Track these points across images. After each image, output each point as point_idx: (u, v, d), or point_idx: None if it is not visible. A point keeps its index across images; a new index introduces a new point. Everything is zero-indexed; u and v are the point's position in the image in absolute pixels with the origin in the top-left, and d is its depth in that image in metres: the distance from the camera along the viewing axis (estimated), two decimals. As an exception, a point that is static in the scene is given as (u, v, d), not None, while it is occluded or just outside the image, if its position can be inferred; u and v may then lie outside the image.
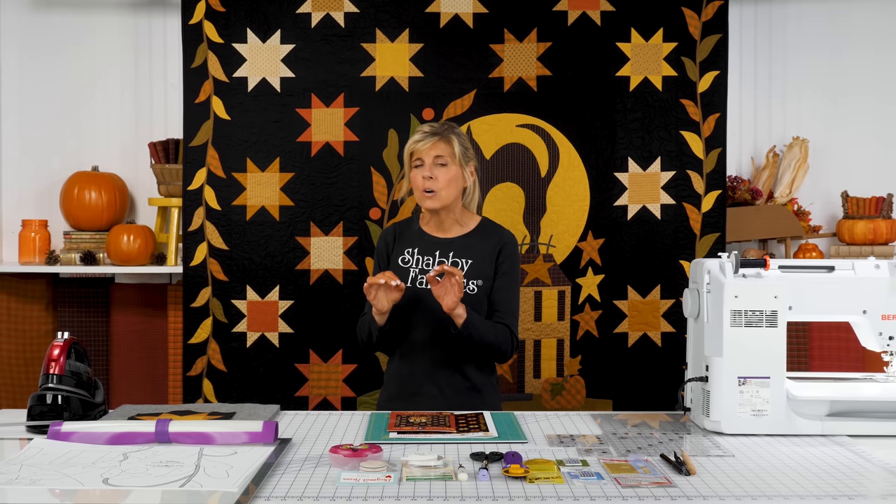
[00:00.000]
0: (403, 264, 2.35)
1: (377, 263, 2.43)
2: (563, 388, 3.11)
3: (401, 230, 2.43)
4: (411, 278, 2.32)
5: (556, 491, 1.41)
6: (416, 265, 2.33)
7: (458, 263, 2.31)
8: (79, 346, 1.93)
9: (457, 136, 2.33)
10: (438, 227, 2.38)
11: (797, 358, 3.18)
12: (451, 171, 2.30)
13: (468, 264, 2.31)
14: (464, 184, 2.35)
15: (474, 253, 2.32)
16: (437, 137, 2.30)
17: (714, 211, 3.08)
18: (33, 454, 1.60)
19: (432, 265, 2.32)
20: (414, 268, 2.33)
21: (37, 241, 3.25)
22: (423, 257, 2.34)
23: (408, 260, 2.35)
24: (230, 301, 3.08)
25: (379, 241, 2.46)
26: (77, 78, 3.40)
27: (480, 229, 2.38)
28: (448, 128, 2.34)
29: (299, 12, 3.08)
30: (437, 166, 2.29)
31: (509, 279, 2.33)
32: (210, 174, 3.08)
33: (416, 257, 2.35)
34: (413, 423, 1.86)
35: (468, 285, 2.28)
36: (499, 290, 2.31)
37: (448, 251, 2.33)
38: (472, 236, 2.36)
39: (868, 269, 1.90)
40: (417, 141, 2.31)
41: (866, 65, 3.38)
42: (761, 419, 1.80)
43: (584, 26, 3.08)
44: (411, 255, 2.35)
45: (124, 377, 3.31)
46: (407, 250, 2.36)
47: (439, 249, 2.34)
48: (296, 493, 1.39)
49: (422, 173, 2.29)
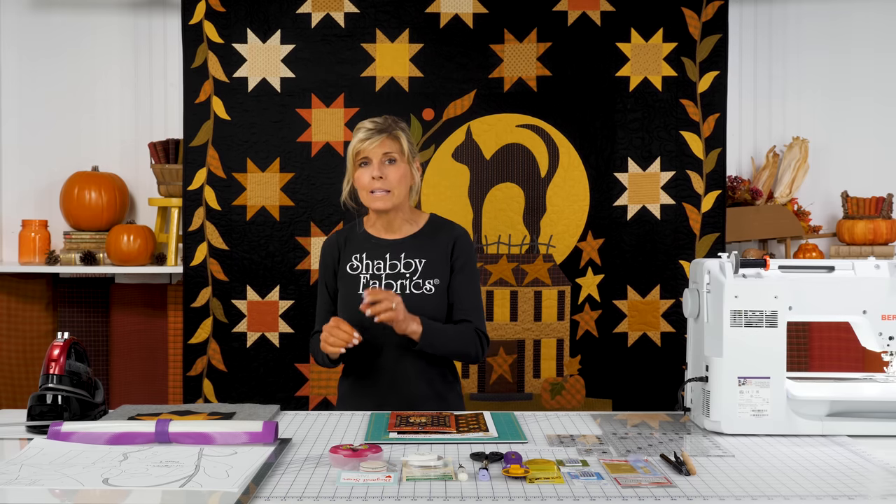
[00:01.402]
0: (352, 271, 2.25)
1: (322, 278, 2.31)
2: (562, 388, 3.11)
3: (345, 237, 2.32)
4: (362, 285, 2.22)
5: (556, 491, 1.41)
6: (366, 270, 2.24)
7: (412, 264, 2.23)
8: (79, 346, 1.93)
9: (403, 132, 2.23)
10: (387, 228, 2.28)
11: (797, 358, 3.18)
12: (400, 168, 2.20)
13: (422, 264, 2.22)
14: (412, 181, 2.26)
15: (427, 252, 2.24)
16: (385, 135, 2.19)
17: (714, 211, 3.08)
18: (33, 454, 1.60)
19: (384, 268, 2.23)
20: (364, 273, 2.23)
21: (37, 241, 3.25)
22: (372, 262, 2.24)
23: (356, 266, 2.25)
24: (230, 301, 3.08)
25: (322, 253, 2.33)
26: (77, 78, 3.40)
27: (430, 227, 2.29)
28: (393, 123, 2.23)
29: (299, 12, 3.08)
30: (385, 164, 2.19)
31: (467, 275, 2.24)
32: (210, 174, 3.08)
33: (364, 262, 2.25)
34: (413, 424, 1.86)
35: (425, 286, 2.20)
36: (458, 288, 2.23)
37: (399, 252, 2.24)
38: (422, 235, 2.27)
39: (868, 269, 1.90)
40: (364, 140, 2.18)
41: (866, 65, 3.38)
42: (761, 419, 1.80)
43: (584, 26, 3.08)
44: (359, 261, 2.25)
45: (124, 377, 3.31)
46: (354, 256, 2.26)
47: (389, 251, 2.25)
48: (296, 493, 1.39)
49: (370, 173, 2.18)
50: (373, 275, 2.23)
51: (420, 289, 2.20)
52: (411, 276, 2.22)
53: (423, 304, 2.18)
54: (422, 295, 2.20)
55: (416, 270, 2.23)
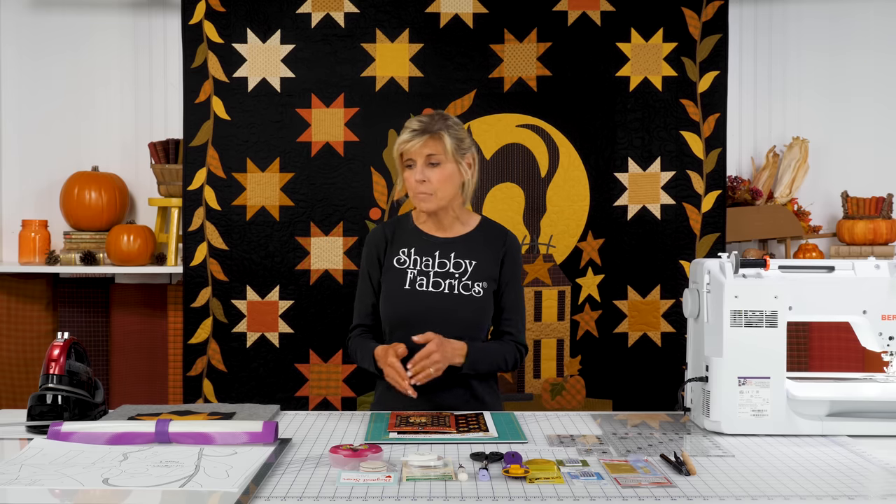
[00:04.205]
0: (399, 265, 2.22)
1: (366, 269, 2.28)
2: (563, 389, 3.11)
3: (393, 230, 2.29)
4: (409, 280, 2.20)
5: (556, 491, 1.41)
6: (413, 266, 2.21)
7: (461, 264, 2.21)
8: (79, 346, 1.93)
9: (448, 130, 2.17)
10: (437, 226, 2.26)
11: (797, 358, 3.18)
12: (445, 169, 2.16)
13: (472, 265, 2.21)
14: (461, 179, 2.21)
15: (478, 254, 2.22)
16: (427, 136, 2.14)
17: (714, 211, 3.08)
18: (33, 454, 1.60)
19: (432, 266, 2.21)
20: (412, 269, 2.21)
21: (37, 241, 3.25)
22: (420, 258, 2.22)
23: (404, 261, 2.23)
24: (230, 301, 3.08)
25: (367, 244, 2.30)
26: (77, 78, 3.40)
27: (482, 229, 2.27)
28: (439, 120, 2.18)
29: (299, 12, 3.08)
30: (429, 167, 2.16)
31: (517, 283, 2.25)
32: (210, 174, 3.08)
33: (413, 258, 2.22)
34: (413, 424, 1.86)
35: (473, 287, 2.18)
36: (507, 295, 2.23)
37: (449, 251, 2.22)
38: (475, 236, 2.25)
39: (868, 269, 1.90)
40: (406, 141, 2.16)
41: (866, 65, 3.38)
42: (761, 419, 1.80)
43: (584, 26, 3.08)
44: (408, 256, 2.23)
45: (124, 377, 3.31)
46: (402, 250, 2.24)
47: (439, 249, 2.22)
48: (296, 493, 1.39)
49: (414, 176, 2.16)
50: (420, 271, 2.20)
51: (469, 290, 2.18)
52: (460, 276, 2.20)
53: (470, 306, 2.16)
54: (470, 297, 2.18)
55: (466, 271, 2.20)
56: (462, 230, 2.26)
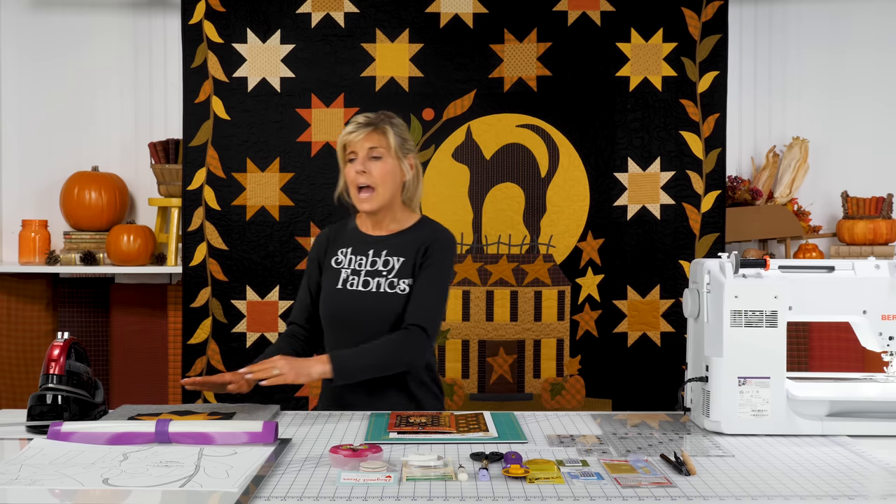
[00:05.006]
0: (336, 265, 2.22)
1: (307, 269, 2.29)
2: (562, 388, 3.11)
3: (336, 231, 2.30)
4: (342, 279, 2.19)
5: (556, 491, 1.41)
6: (348, 266, 2.20)
7: (390, 262, 2.18)
8: (79, 346, 1.93)
9: (393, 127, 2.18)
10: (374, 225, 2.24)
11: (797, 358, 3.18)
12: (387, 164, 2.15)
13: (400, 263, 2.17)
14: (402, 178, 2.20)
15: (406, 252, 2.19)
16: (371, 128, 2.15)
17: (714, 211, 3.08)
18: (33, 454, 1.60)
19: (365, 265, 2.19)
20: (346, 268, 2.20)
21: (37, 241, 3.25)
22: (356, 257, 2.21)
23: (341, 261, 2.22)
24: (230, 301, 3.08)
25: (313, 245, 2.32)
26: (77, 78, 3.40)
27: (416, 227, 2.24)
28: (384, 118, 2.19)
29: (299, 12, 3.08)
30: (370, 160, 2.14)
31: (427, 276, 2.16)
32: (210, 174, 3.08)
33: (349, 257, 2.23)
34: (413, 423, 1.86)
35: (399, 285, 2.15)
36: (416, 288, 2.15)
37: (381, 249, 2.20)
38: (407, 234, 2.22)
39: (868, 269, 1.90)
40: (350, 132, 2.15)
41: (866, 65, 3.38)
42: (761, 419, 1.80)
43: (584, 26, 3.08)
44: (345, 256, 2.23)
45: (124, 377, 3.31)
46: (341, 250, 2.24)
47: (372, 248, 2.21)
48: (296, 494, 1.39)
49: (355, 167, 2.15)
50: (354, 270, 2.20)
51: (394, 288, 2.16)
52: (387, 274, 2.18)
53: (395, 304, 2.14)
54: (395, 294, 2.15)
55: (393, 269, 2.18)
56: (398, 228, 2.24)
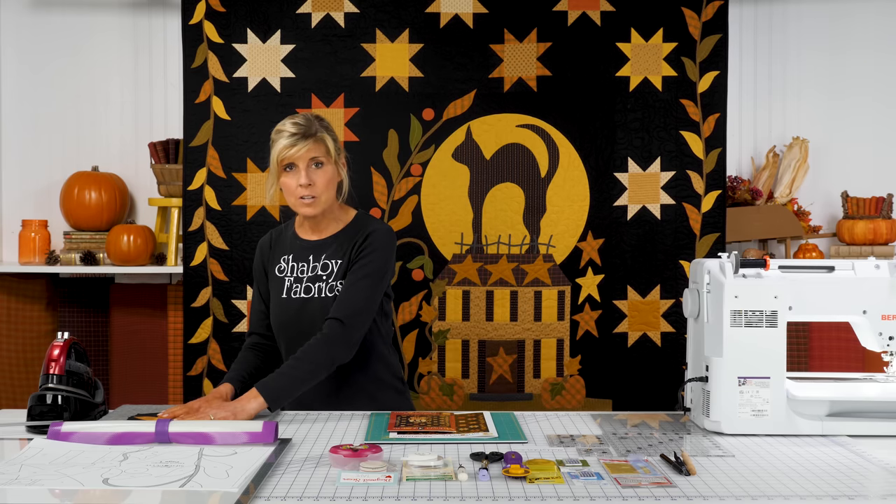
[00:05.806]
0: (280, 274, 2.21)
1: (255, 279, 2.29)
2: (562, 388, 3.11)
3: (276, 238, 2.27)
4: (286, 288, 2.18)
5: (556, 491, 1.41)
6: (290, 273, 2.19)
7: (329, 265, 2.16)
8: (79, 346, 1.93)
9: (328, 132, 2.16)
10: (313, 229, 2.22)
11: (797, 358, 3.18)
12: (327, 171, 2.14)
13: (337, 265, 2.16)
14: (339, 179, 2.20)
15: (343, 253, 2.17)
16: (311, 139, 2.11)
17: (714, 211, 3.08)
18: (33, 454, 1.60)
19: (307, 271, 2.17)
20: (289, 276, 2.19)
21: (37, 241, 3.25)
22: (297, 264, 2.19)
23: (283, 269, 2.21)
24: (230, 301, 3.08)
25: (256, 254, 2.29)
26: (77, 78, 3.40)
27: (352, 226, 2.22)
28: (315, 125, 2.15)
29: (299, 12, 3.08)
30: (312, 169, 2.12)
31: (357, 268, 2.12)
32: (210, 174, 3.08)
33: (290, 265, 2.20)
34: (413, 423, 1.86)
35: (338, 288, 2.12)
36: (346, 280, 2.12)
37: (321, 254, 2.18)
38: (343, 234, 2.20)
39: (868, 269, 1.90)
40: (289, 146, 2.10)
41: (866, 65, 3.38)
42: (761, 419, 1.80)
43: (584, 26, 3.08)
44: (286, 263, 2.21)
45: (124, 377, 3.31)
46: (283, 258, 2.22)
47: (312, 253, 2.19)
48: (296, 494, 1.39)
49: (297, 179, 2.11)
50: (297, 278, 2.19)
51: (334, 291, 2.14)
52: (327, 278, 2.16)
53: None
54: (335, 298, 2.13)
55: (332, 272, 2.16)
56: (335, 229, 2.22)
